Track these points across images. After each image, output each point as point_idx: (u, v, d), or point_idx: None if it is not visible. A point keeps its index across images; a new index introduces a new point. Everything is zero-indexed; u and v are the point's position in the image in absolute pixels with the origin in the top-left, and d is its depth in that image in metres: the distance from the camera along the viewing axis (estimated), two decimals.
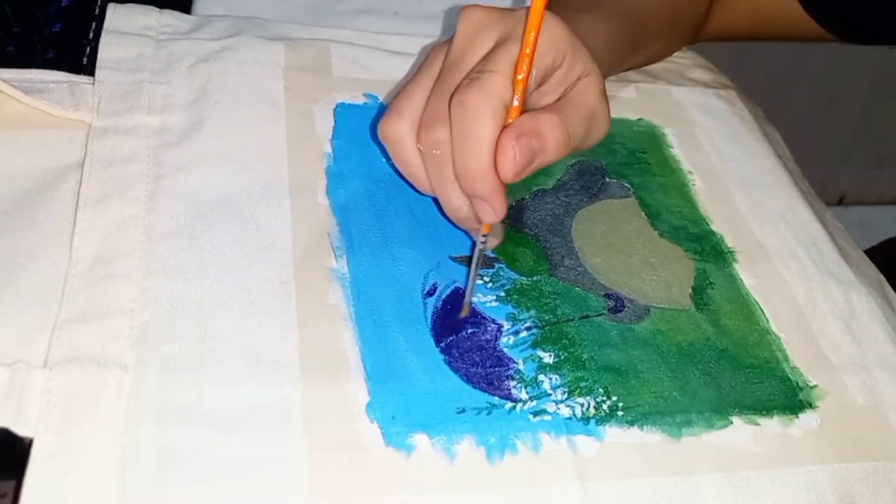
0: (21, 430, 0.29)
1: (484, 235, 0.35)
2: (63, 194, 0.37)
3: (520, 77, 0.32)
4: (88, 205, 0.36)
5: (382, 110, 0.44)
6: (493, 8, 0.36)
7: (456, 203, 0.35)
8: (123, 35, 0.44)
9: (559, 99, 0.35)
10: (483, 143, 0.32)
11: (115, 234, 0.35)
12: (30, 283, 0.33)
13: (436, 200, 0.37)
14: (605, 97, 0.36)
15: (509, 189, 0.42)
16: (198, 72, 0.43)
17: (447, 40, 0.36)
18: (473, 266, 0.35)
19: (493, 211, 0.33)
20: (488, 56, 0.34)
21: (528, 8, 0.31)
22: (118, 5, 0.45)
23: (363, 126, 0.43)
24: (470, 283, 0.36)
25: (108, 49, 0.43)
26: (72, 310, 0.32)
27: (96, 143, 0.38)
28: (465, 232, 0.39)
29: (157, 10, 0.46)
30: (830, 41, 0.52)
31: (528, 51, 0.32)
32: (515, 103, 0.33)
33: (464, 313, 0.36)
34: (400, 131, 0.35)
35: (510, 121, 0.33)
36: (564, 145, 0.34)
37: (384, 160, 0.42)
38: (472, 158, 0.32)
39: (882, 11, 0.49)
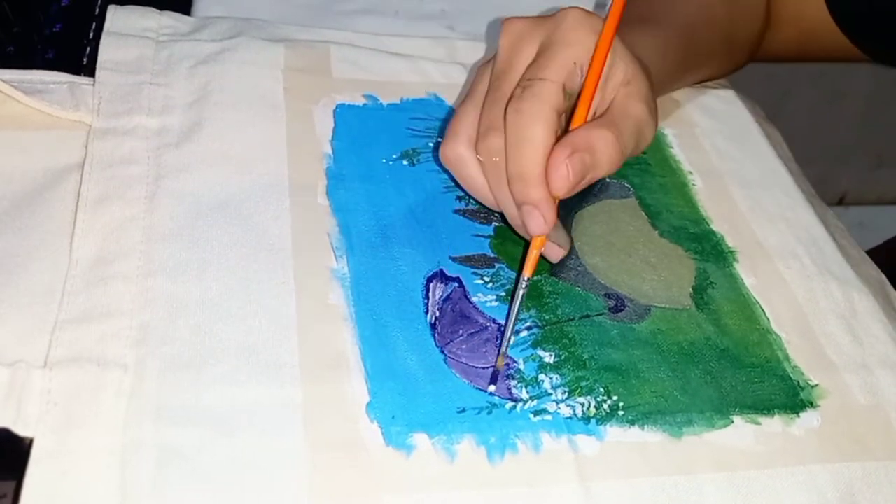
0: (21, 430, 0.29)
1: (527, 279, 0.34)
2: (63, 195, 0.37)
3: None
4: (88, 205, 0.36)
5: (382, 111, 0.44)
6: (531, 17, 0.37)
7: (516, 211, 0.35)
8: (123, 37, 0.44)
9: (607, 110, 0.36)
10: (538, 147, 0.33)
11: (114, 234, 0.35)
12: (30, 283, 0.33)
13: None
14: (649, 103, 0.37)
15: None
16: (198, 73, 0.43)
17: (492, 57, 0.37)
18: (515, 309, 0.34)
19: (544, 219, 0.34)
20: (535, 63, 0.35)
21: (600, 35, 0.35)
22: (118, 7, 0.45)
23: (363, 127, 0.43)
24: (508, 327, 0.34)
25: (109, 51, 0.43)
26: (72, 310, 0.32)
27: (96, 144, 0.38)
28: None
29: (158, 11, 0.46)
30: (875, 63, 0.52)
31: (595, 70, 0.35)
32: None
33: (499, 365, 0.34)
34: (458, 150, 0.36)
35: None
36: (618, 160, 0.35)
37: (384, 161, 0.42)
38: (527, 161, 0.33)
39: None
